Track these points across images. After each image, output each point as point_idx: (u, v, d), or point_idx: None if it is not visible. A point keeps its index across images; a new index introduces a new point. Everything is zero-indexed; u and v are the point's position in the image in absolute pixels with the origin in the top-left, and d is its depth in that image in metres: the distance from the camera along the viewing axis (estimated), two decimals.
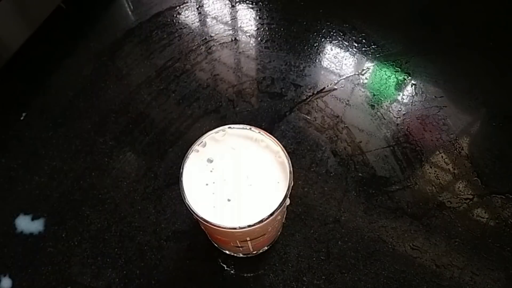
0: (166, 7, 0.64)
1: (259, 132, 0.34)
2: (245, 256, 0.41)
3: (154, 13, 0.63)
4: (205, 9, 0.64)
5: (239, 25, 0.62)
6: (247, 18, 0.63)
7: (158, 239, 0.42)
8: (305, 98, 0.53)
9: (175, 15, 0.63)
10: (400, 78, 0.55)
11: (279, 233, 0.42)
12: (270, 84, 0.55)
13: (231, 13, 0.63)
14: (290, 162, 0.32)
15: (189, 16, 0.63)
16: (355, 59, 0.57)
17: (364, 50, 0.58)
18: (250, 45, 0.59)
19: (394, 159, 0.48)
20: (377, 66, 0.57)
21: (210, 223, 0.29)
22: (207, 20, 0.63)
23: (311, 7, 0.63)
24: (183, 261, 0.41)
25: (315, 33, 0.60)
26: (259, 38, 0.60)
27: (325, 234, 0.42)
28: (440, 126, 0.51)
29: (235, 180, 0.32)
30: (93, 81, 0.56)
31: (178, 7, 0.64)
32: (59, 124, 0.52)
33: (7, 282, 0.40)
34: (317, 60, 0.57)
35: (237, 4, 0.65)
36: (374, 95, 0.54)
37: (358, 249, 0.41)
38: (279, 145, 0.33)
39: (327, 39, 0.60)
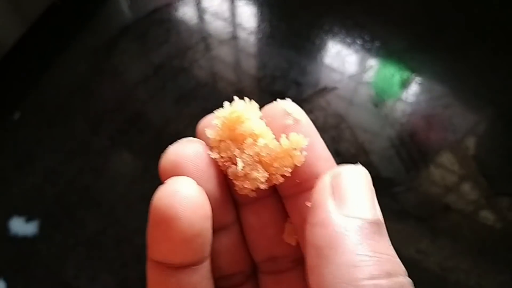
0: (163, 3, 0.63)
1: None
2: None
3: (151, 9, 0.63)
4: (204, 5, 0.63)
5: (238, 22, 0.61)
6: (247, 15, 0.62)
7: None
8: (306, 96, 0.52)
9: (172, 12, 0.62)
10: (405, 76, 0.55)
11: None
12: (270, 82, 0.54)
13: (230, 9, 0.63)
14: None
15: (187, 12, 0.62)
16: (358, 56, 0.57)
17: (368, 47, 0.57)
18: (250, 42, 0.59)
19: (399, 159, 0.47)
20: (381, 64, 0.56)
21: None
22: (206, 16, 0.62)
23: (313, 3, 0.62)
24: None
25: (316, 29, 0.59)
26: (259, 35, 0.59)
27: None
28: (446, 125, 0.50)
29: None
30: (88, 79, 0.55)
31: (175, 3, 0.63)
32: (53, 123, 0.51)
33: (1, 285, 0.40)
34: (318, 58, 0.56)
35: None
36: (378, 93, 0.53)
37: None
38: None
39: (329, 35, 0.59)
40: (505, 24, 0.60)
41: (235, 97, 0.12)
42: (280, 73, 0.55)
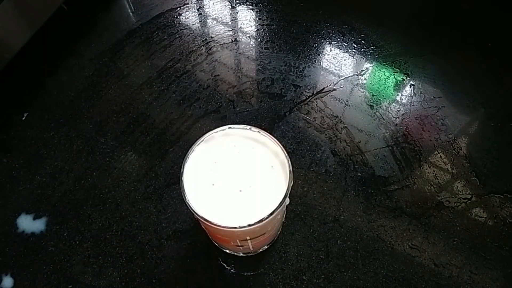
0: (167, 8, 0.65)
1: (259, 132, 0.34)
2: (245, 255, 0.41)
3: (155, 14, 0.64)
4: (206, 10, 0.65)
5: (239, 26, 0.62)
6: (247, 19, 0.63)
7: (159, 238, 0.43)
8: (304, 98, 0.54)
9: (175, 16, 0.64)
10: (399, 78, 0.56)
11: (278, 232, 0.42)
12: (270, 84, 0.55)
13: (231, 14, 0.64)
14: (290, 162, 0.32)
15: (189, 17, 0.64)
16: (354, 59, 0.58)
17: (363, 51, 0.59)
18: (250, 46, 0.60)
19: (393, 159, 0.48)
20: (376, 67, 0.57)
21: (211, 223, 0.30)
22: (208, 21, 0.63)
23: (310, 8, 0.64)
24: (183, 260, 0.41)
25: (314, 34, 0.61)
26: (259, 39, 0.60)
27: (325, 233, 0.43)
28: (438, 126, 0.51)
29: (235, 179, 0.33)
30: (94, 81, 0.56)
31: (178, 8, 0.65)
32: (60, 124, 0.52)
33: (8, 281, 0.40)
34: (316, 61, 0.58)
35: (237, 5, 0.65)
36: (373, 95, 0.54)
37: (357, 248, 0.42)
38: (279, 145, 0.33)
39: (327, 40, 0.60)
40: (496, 28, 0.61)
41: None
42: (279, 75, 0.56)
